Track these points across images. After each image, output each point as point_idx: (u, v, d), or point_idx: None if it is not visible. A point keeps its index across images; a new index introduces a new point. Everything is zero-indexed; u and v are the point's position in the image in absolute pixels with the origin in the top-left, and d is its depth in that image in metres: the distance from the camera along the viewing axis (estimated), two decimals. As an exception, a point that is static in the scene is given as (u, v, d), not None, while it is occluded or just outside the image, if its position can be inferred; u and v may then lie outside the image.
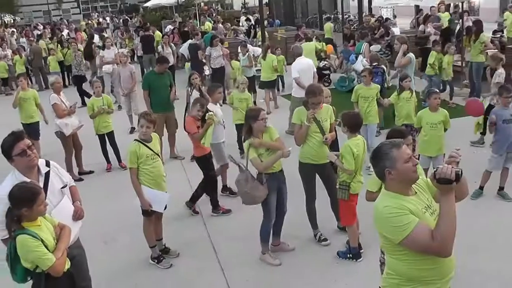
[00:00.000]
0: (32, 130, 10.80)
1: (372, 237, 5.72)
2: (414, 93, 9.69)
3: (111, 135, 10.69)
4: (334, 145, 7.58)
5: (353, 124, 6.47)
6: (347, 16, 29.25)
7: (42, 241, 4.07)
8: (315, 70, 12.29)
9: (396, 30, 19.75)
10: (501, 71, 10.68)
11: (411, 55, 11.53)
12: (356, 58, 12.75)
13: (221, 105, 9.29)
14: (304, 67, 11.65)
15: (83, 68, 17.79)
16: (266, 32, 21.67)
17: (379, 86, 10.16)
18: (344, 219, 6.70)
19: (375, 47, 15.83)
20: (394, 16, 21.35)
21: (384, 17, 24.70)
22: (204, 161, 8.17)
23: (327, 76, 16.92)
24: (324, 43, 17.33)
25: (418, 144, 8.13)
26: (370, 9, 25.29)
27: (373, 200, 5.24)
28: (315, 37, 16.88)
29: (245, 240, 7.24)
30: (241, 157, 6.85)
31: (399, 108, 9.66)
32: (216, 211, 8.24)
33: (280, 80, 16.36)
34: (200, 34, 19.34)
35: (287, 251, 6.91)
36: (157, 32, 23.63)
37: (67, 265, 4.36)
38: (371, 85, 9.82)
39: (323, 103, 6.96)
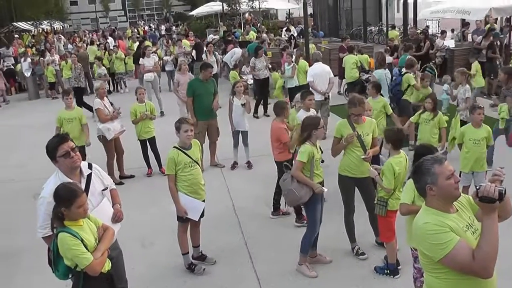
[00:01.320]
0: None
1: (410, 253, 5.62)
2: (439, 114, 9.20)
3: (152, 140, 10.81)
4: (375, 159, 7.50)
5: (396, 140, 6.37)
6: (391, 28, 28.97)
7: (82, 240, 4.13)
8: (332, 76, 12.84)
9: (439, 42, 19.44)
10: (467, 87, 10.72)
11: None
12: (399, 71, 12.58)
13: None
14: (318, 72, 12.59)
15: (82, 80, 17.87)
16: (309, 44, 21.65)
17: (385, 100, 9.96)
18: (382, 235, 6.61)
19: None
20: (442, 31, 21.01)
21: (430, 30, 24.43)
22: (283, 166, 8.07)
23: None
24: (367, 56, 17.17)
25: (459, 161, 7.95)
26: (415, 21, 24.94)
27: (407, 213, 5.22)
28: (357, 50, 16.71)
29: (282, 250, 7.22)
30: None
31: (421, 128, 9.38)
32: (300, 221, 7.99)
33: None
34: (237, 42, 19.45)
35: (324, 264, 6.84)
36: (185, 41, 24.09)
37: (108, 266, 4.42)
38: (377, 98, 9.67)
39: (365, 116, 6.92)
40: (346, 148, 6.81)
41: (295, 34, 28.10)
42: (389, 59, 15.51)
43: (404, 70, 11.89)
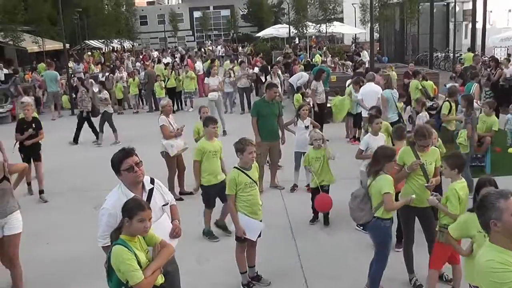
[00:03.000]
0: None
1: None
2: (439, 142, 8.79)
3: None
4: (437, 189, 7.32)
5: (460, 165, 6.23)
6: (458, 55, 28.48)
7: (136, 256, 4.17)
8: (380, 96, 13.26)
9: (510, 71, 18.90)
10: (424, 114, 11.75)
11: None
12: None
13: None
14: (367, 91, 13.64)
15: (86, 104, 17.17)
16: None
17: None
18: (433, 262, 6.36)
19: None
20: (509, 56, 20.44)
21: (499, 57, 23.81)
22: None
23: (432, 117, 16.21)
24: (432, 83, 16.84)
25: None
26: (483, 47, 24.38)
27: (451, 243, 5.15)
28: (422, 76, 16.41)
29: (338, 276, 7.12)
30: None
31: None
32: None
33: None
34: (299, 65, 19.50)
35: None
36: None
37: (161, 279, 4.46)
38: None
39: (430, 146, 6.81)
40: (407, 176, 6.71)
41: (366, 59, 27.58)
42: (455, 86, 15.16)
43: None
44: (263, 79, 20.10)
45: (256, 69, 24.03)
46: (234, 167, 6.66)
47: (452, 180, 6.22)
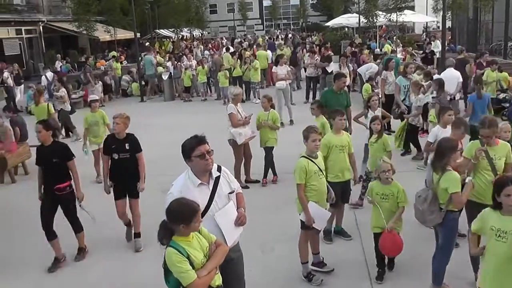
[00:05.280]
0: None
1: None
2: (384, 136, 8.99)
3: (269, 149, 10.91)
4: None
5: None
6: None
7: (189, 257, 4.17)
8: (461, 81, 14.13)
9: None
10: (421, 96, 12.21)
11: None
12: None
13: None
14: (448, 76, 13.63)
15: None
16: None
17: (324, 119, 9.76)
18: None
19: None
20: None
21: None
22: None
23: (506, 110, 15.55)
24: (507, 74, 16.20)
25: None
26: None
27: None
28: (497, 66, 15.80)
29: (402, 270, 7.01)
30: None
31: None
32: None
33: None
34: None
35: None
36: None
37: (219, 280, 4.45)
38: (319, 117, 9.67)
39: (499, 139, 6.56)
40: (475, 170, 6.49)
41: (438, 49, 26.73)
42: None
43: None
44: (328, 69, 19.78)
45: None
46: (302, 156, 6.64)
47: None
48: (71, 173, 7.76)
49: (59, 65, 29.63)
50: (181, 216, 4.18)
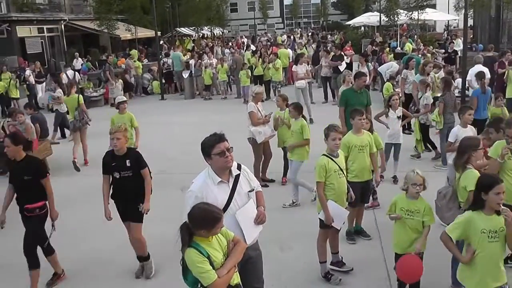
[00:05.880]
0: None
1: None
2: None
3: (285, 149, 10.65)
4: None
5: None
6: None
7: (210, 257, 4.18)
8: (489, 76, 14.20)
9: None
10: (427, 95, 12.40)
11: None
12: None
13: None
14: (475, 72, 13.75)
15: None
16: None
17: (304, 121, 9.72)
18: None
19: None
20: None
21: None
22: None
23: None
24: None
25: None
26: None
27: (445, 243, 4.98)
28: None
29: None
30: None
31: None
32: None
33: None
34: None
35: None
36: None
37: (237, 278, 4.45)
38: (299, 119, 9.60)
39: None
40: (501, 171, 6.40)
41: (459, 48, 26.30)
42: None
43: None
44: (340, 68, 19.58)
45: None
46: (323, 154, 6.64)
47: None
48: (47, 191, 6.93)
49: (78, 63, 29.80)
50: (203, 223, 4.20)
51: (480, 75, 12.64)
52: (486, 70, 14.22)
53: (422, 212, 5.91)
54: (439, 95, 12.10)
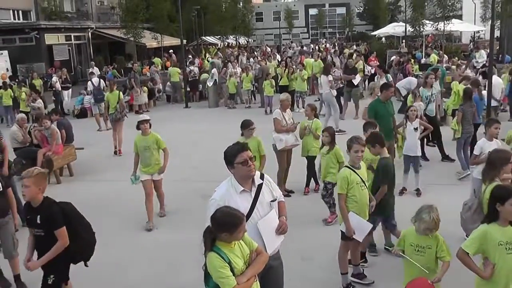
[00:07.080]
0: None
1: None
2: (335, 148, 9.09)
3: (311, 159, 10.75)
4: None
5: None
6: None
7: (230, 263, 4.19)
8: (504, 87, 16.24)
9: None
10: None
11: None
12: None
13: None
14: (494, 83, 15.02)
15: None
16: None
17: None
18: None
19: None
20: None
21: None
22: None
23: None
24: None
25: None
26: None
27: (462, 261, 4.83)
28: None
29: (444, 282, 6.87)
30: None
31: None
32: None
33: None
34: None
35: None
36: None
37: (256, 287, 4.44)
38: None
39: None
40: None
41: (482, 60, 25.90)
42: None
43: None
44: (354, 82, 19.30)
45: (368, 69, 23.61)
46: (345, 165, 6.64)
47: None
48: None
49: (99, 72, 29.91)
50: (226, 226, 4.21)
51: (476, 83, 13.37)
52: (500, 80, 15.86)
53: (434, 248, 5.39)
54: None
